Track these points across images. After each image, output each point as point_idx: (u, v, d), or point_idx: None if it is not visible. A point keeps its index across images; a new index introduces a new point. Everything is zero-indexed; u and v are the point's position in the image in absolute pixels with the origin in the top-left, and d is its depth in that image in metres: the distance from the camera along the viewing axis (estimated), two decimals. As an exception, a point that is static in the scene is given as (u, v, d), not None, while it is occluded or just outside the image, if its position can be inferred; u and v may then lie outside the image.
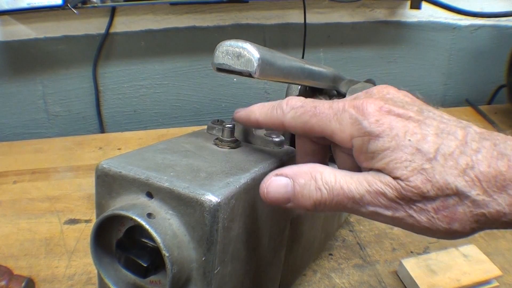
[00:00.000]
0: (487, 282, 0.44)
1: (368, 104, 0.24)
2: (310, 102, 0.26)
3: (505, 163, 0.21)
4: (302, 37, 0.85)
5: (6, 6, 0.69)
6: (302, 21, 0.84)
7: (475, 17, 0.91)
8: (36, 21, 0.78)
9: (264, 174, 0.29)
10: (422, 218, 0.22)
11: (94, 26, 0.80)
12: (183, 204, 0.25)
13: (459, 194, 0.21)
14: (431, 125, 0.23)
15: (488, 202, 0.21)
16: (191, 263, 0.25)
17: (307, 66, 0.39)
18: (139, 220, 0.24)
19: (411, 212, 0.22)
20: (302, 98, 0.27)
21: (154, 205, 0.26)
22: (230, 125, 0.33)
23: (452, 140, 0.22)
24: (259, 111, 0.29)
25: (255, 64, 0.29)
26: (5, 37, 0.79)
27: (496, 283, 0.44)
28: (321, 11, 0.87)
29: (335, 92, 0.49)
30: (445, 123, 0.23)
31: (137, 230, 0.26)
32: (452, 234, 0.22)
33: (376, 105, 0.24)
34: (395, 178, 0.22)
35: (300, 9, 0.84)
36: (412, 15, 0.91)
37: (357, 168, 0.25)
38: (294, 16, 0.86)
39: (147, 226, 0.24)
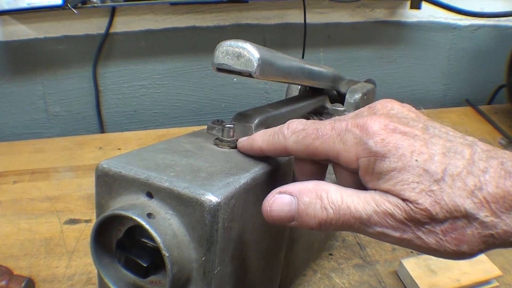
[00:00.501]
0: (487, 282, 0.44)
1: (372, 122, 0.23)
2: (311, 125, 0.26)
3: None
4: (302, 37, 0.85)
5: (6, 6, 0.69)
6: (302, 21, 0.84)
7: (475, 17, 0.91)
8: (36, 21, 0.78)
9: (264, 174, 0.29)
10: (430, 240, 0.22)
11: (94, 26, 0.80)
12: (183, 204, 0.25)
13: (467, 216, 0.21)
14: (438, 144, 0.23)
15: (496, 223, 0.21)
16: (191, 263, 0.25)
17: (307, 66, 0.39)
18: (139, 220, 0.24)
19: (419, 234, 0.22)
20: (303, 121, 0.27)
21: (154, 205, 0.25)
22: (230, 125, 0.33)
23: (459, 160, 0.22)
24: (261, 138, 0.29)
25: (255, 64, 0.29)
26: (5, 37, 0.79)
27: (496, 283, 0.44)
28: (321, 11, 0.87)
29: (335, 92, 0.49)
30: (451, 141, 0.23)
31: (137, 230, 0.26)
32: (460, 255, 0.22)
33: (381, 123, 0.23)
34: (403, 199, 0.22)
35: (300, 9, 0.84)
36: (412, 15, 0.91)
37: (358, 185, 0.25)
38: (294, 16, 0.86)
39: (147, 226, 0.24)
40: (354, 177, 0.25)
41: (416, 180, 0.22)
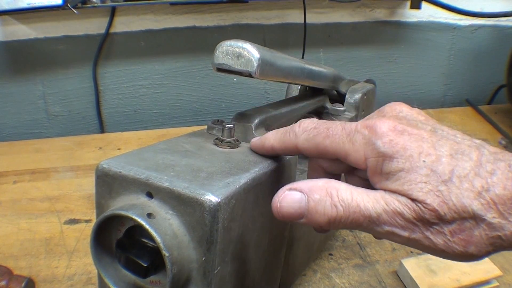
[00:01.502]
0: (487, 282, 0.44)
1: (381, 124, 0.24)
2: (322, 124, 0.26)
3: None
4: (302, 37, 0.85)
5: (6, 6, 0.69)
6: (302, 21, 0.84)
7: (475, 17, 0.91)
8: (36, 21, 0.78)
9: (264, 174, 0.29)
10: (438, 240, 0.22)
11: (94, 26, 0.80)
12: (183, 204, 0.25)
13: (475, 217, 0.21)
14: (445, 146, 0.23)
15: (503, 225, 0.21)
16: (191, 263, 0.25)
17: (307, 66, 0.39)
18: (139, 220, 0.24)
19: (427, 234, 0.22)
20: (315, 120, 0.27)
21: (154, 205, 0.25)
22: (230, 125, 0.33)
23: (466, 162, 0.22)
24: (273, 137, 0.29)
25: (255, 64, 0.29)
26: (5, 37, 0.79)
27: (496, 283, 0.44)
28: (321, 11, 0.87)
29: (335, 92, 0.49)
30: (459, 143, 0.23)
31: (137, 230, 0.26)
32: (467, 257, 0.22)
33: (390, 125, 0.24)
34: (412, 200, 0.22)
35: (300, 9, 0.84)
36: (412, 15, 0.91)
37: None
38: (294, 16, 0.86)
39: (147, 226, 0.24)
40: (364, 183, 0.25)
41: (424, 180, 0.22)
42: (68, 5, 0.70)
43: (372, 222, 0.23)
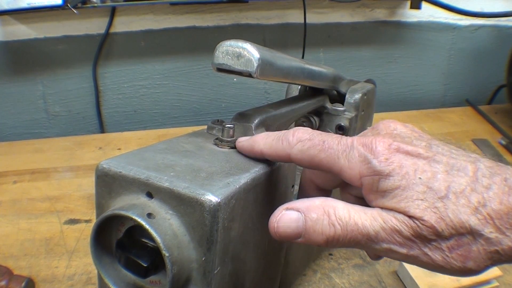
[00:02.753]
0: (487, 282, 0.44)
1: (377, 142, 0.24)
2: (318, 135, 0.26)
3: None
4: (302, 37, 0.85)
5: (6, 6, 0.69)
6: (302, 21, 0.84)
7: (475, 17, 0.91)
8: (36, 21, 0.78)
9: (264, 174, 0.29)
10: (436, 256, 0.22)
11: (94, 26, 0.80)
12: (183, 204, 0.25)
13: (472, 233, 0.21)
14: (441, 162, 0.23)
15: (501, 240, 0.21)
16: (191, 263, 0.25)
17: (307, 66, 0.39)
18: (139, 220, 0.24)
19: (426, 250, 0.22)
20: (309, 130, 0.27)
21: (154, 205, 0.26)
22: (230, 125, 0.33)
23: (462, 177, 0.22)
24: (263, 142, 0.29)
25: (255, 64, 0.29)
26: (5, 37, 0.79)
27: (496, 283, 0.44)
28: (321, 11, 0.87)
29: (335, 92, 0.49)
30: (454, 158, 0.23)
31: (137, 230, 0.26)
32: (466, 272, 0.22)
33: (385, 143, 0.24)
34: (409, 216, 0.22)
35: (300, 9, 0.84)
36: (412, 15, 0.91)
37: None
38: (294, 16, 0.86)
39: (147, 226, 0.24)
40: (357, 200, 0.26)
41: (421, 197, 0.22)
42: (68, 5, 0.70)
43: (370, 240, 0.23)
